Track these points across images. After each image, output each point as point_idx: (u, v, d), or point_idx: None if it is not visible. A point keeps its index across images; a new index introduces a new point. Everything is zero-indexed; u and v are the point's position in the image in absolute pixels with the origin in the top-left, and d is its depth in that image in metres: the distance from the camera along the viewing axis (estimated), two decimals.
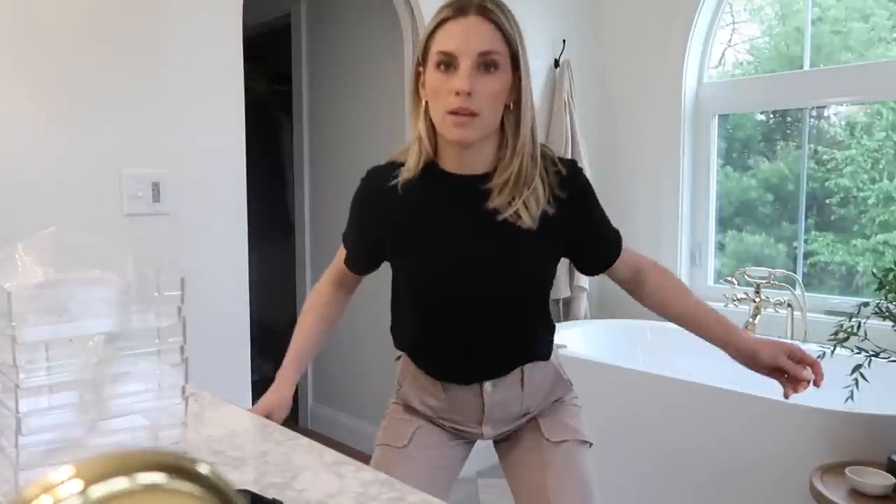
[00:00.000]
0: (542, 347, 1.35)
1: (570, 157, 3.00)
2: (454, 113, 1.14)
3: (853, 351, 1.87)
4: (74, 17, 1.91)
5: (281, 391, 1.37)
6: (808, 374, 1.26)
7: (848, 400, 1.85)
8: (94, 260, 0.86)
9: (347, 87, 3.31)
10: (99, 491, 0.23)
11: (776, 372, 1.29)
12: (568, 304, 3.14)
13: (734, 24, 3.14)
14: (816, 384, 1.28)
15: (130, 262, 0.86)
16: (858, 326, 1.84)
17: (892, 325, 1.82)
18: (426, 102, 1.21)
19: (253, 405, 1.38)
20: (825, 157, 2.82)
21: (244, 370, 2.26)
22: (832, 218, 2.82)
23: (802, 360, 1.27)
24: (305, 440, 1.02)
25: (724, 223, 3.15)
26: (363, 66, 3.21)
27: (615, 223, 1.40)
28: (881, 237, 2.67)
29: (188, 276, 0.88)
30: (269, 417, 1.28)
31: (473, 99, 1.14)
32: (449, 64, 1.15)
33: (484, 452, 1.88)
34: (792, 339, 2.67)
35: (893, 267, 1.85)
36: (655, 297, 1.36)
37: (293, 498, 0.82)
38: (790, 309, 2.68)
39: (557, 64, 3.11)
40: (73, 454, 0.79)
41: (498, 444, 1.43)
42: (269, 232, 4.13)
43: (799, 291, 2.67)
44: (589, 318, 3.17)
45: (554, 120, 3.07)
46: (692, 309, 1.34)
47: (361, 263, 1.39)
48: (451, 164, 1.24)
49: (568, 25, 3.22)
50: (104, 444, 0.81)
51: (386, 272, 1.37)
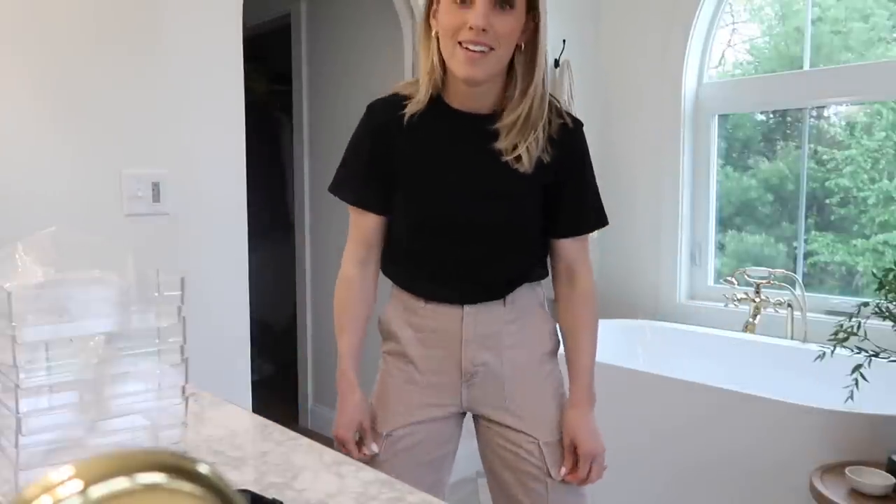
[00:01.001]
0: (527, 275, 1.33)
1: None
2: (467, 48, 1.14)
3: (853, 351, 1.87)
4: (75, 17, 1.91)
5: (356, 402, 1.33)
6: (565, 471, 1.31)
7: (848, 400, 1.85)
8: (94, 260, 0.86)
9: (347, 87, 3.31)
10: (99, 491, 0.23)
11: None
12: None
13: (734, 24, 3.14)
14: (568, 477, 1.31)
15: (130, 262, 0.86)
16: (858, 326, 1.84)
17: (892, 325, 1.82)
18: (436, 34, 1.20)
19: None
20: (825, 157, 2.82)
21: (244, 370, 2.26)
22: (832, 218, 2.82)
23: (577, 459, 1.31)
24: (305, 440, 1.02)
25: (724, 223, 3.15)
26: (363, 66, 3.21)
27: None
28: (881, 237, 2.67)
29: (188, 276, 0.88)
30: (363, 434, 1.30)
31: (488, 35, 1.13)
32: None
33: None
34: (792, 338, 2.67)
35: (893, 267, 1.85)
36: (567, 313, 1.37)
37: (293, 498, 0.82)
38: (790, 309, 2.68)
39: (557, 64, 3.11)
40: (73, 454, 0.79)
41: (480, 425, 1.37)
42: (269, 232, 4.13)
43: (799, 291, 2.67)
44: None
45: None
46: (573, 347, 1.35)
47: (376, 201, 1.32)
48: (457, 100, 1.24)
49: (568, 25, 3.22)
50: (104, 444, 0.81)
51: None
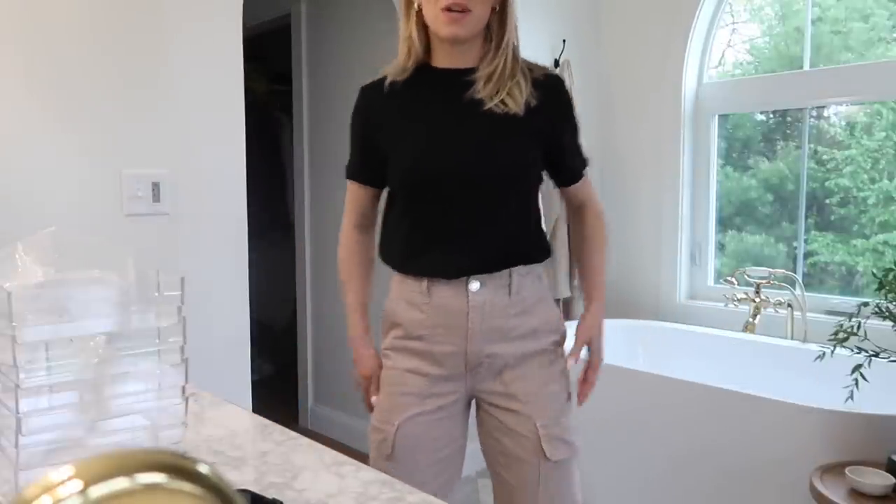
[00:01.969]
0: (527, 248, 1.36)
1: None
2: (448, 10, 1.23)
3: (853, 351, 1.87)
4: (75, 17, 1.91)
5: (371, 356, 1.44)
6: (576, 360, 1.41)
7: (848, 400, 1.85)
8: (94, 260, 0.86)
9: (347, 87, 3.30)
10: (99, 491, 0.23)
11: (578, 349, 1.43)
12: (568, 304, 3.14)
13: (734, 24, 3.14)
14: (578, 396, 1.42)
15: (130, 262, 0.86)
16: (858, 326, 1.84)
17: (892, 325, 1.82)
18: (418, 6, 1.29)
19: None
20: (825, 157, 2.82)
21: (244, 370, 2.26)
22: (832, 218, 2.82)
23: (589, 363, 1.43)
24: (305, 440, 1.02)
25: (724, 223, 3.15)
26: (363, 65, 3.21)
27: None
28: (881, 237, 2.67)
29: (188, 276, 0.88)
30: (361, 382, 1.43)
31: None
32: None
33: None
34: (792, 338, 2.67)
35: (893, 267, 1.85)
36: (578, 236, 1.51)
37: (293, 498, 0.82)
38: (790, 309, 2.68)
39: (557, 64, 3.11)
40: (73, 454, 0.79)
41: (482, 411, 1.39)
42: (269, 232, 4.13)
43: (799, 291, 2.67)
44: None
45: None
46: (586, 266, 1.49)
47: (369, 174, 1.42)
48: (441, 61, 1.34)
49: (568, 25, 3.22)
50: (104, 444, 0.81)
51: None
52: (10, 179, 1.84)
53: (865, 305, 1.88)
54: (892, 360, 1.85)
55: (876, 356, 1.84)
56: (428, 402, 1.34)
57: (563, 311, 3.16)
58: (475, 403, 1.40)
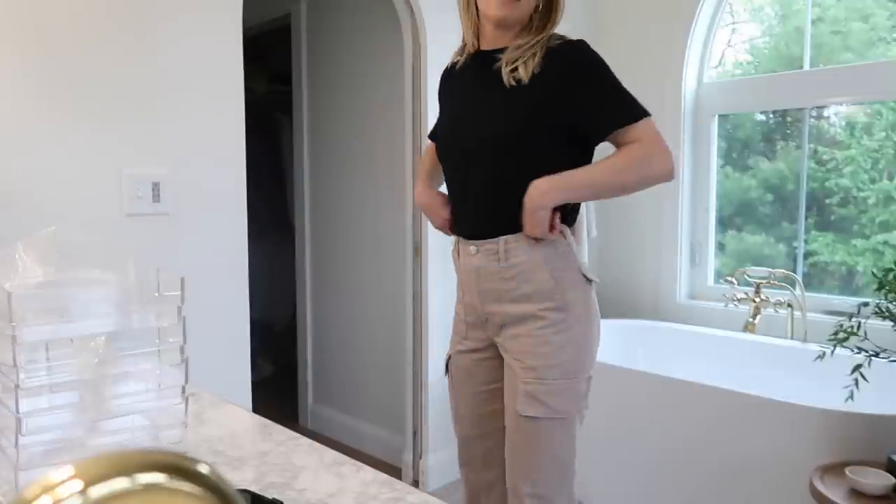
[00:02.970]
0: (518, 218, 1.39)
1: None
2: None
3: (853, 351, 1.87)
4: (75, 17, 1.91)
5: (432, 195, 1.58)
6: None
7: (848, 400, 1.85)
8: (94, 260, 0.86)
9: (347, 87, 3.31)
10: (99, 491, 0.23)
11: None
12: None
13: (734, 24, 3.14)
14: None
15: (130, 262, 0.86)
16: (858, 326, 1.84)
17: (892, 325, 1.82)
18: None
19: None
20: (825, 157, 2.82)
21: (244, 370, 2.26)
22: (832, 218, 2.82)
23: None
24: (305, 440, 1.02)
25: (724, 223, 3.15)
26: (363, 66, 3.21)
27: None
28: (881, 237, 2.67)
29: (188, 276, 0.88)
30: (424, 207, 1.58)
31: None
32: None
33: None
34: (792, 338, 2.67)
35: (893, 267, 1.85)
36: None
37: (293, 498, 0.82)
38: (790, 309, 2.68)
39: None
40: (73, 454, 0.79)
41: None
42: (269, 232, 4.13)
43: (799, 291, 2.67)
44: None
45: None
46: (606, 161, 1.42)
47: (434, 134, 1.67)
48: (487, 44, 1.47)
49: (568, 25, 3.21)
50: (104, 444, 0.81)
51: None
52: (10, 179, 1.84)
53: (865, 305, 1.88)
54: (892, 360, 1.86)
55: (876, 356, 1.84)
56: (465, 343, 1.56)
57: None
58: None
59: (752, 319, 2.77)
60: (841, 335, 1.85)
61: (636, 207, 3.26)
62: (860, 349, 1.85)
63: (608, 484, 2.49)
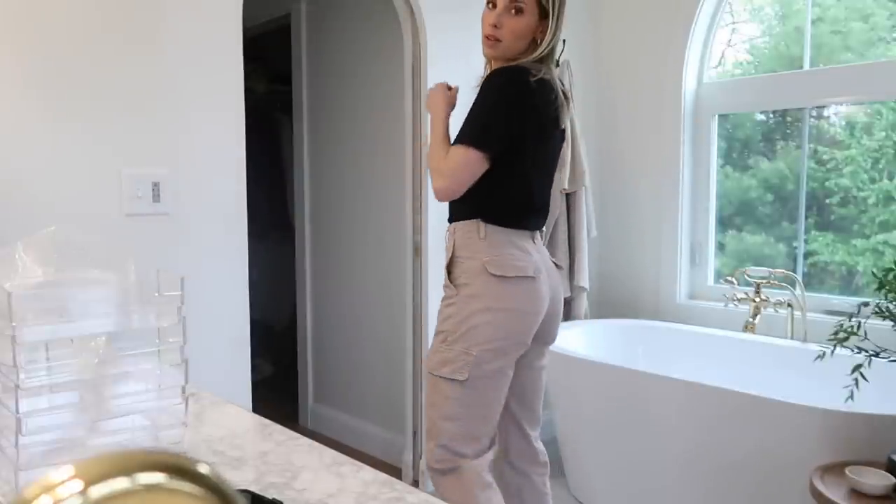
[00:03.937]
0: (459, 208, 1.70)
1: (569, 157, 3.00)
2: (487, 37, 1.68)
3: (853, 351, 1.87)
4: (75, 17, 1.91)
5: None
6: None
7: (848, 400, 1.85)
8: (94, 260, 0.86)
9: (347, 87, 3.31)
10: (99, 491, 0.23)
11: None
12: (568, 304, 3.14)
13: (734, 23, 3.14)
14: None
15: (130, 262, 0.86)
16: (858, 326, 1.84)
17: (892, 325, 1.82)
18: None
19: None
20: (825, 156, 2.82)
21: (244, 370, 2.26)
22: (832, 218, 2.82)
23: None
24: (305, 440, 1.02)
25: (724, 223, 3.15)
26: (363, 66, 3.21)
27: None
28: (881, 237, 2.67)
29: (188, 276, 0.88)
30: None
31: (497, 31, 1.66)
32: (493, 4, 1.67)
33: None
34: (792, 338, 2.67)
35: (893, 267, 1.85)
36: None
37: (293, 498, 0.82)
38: (790, 309, 2.68)
39: (557, 64, 3.10)
40: (73, 454, 0.79)
41: None
42: (269, 232, 4.13)
43: (799, 291, 2.67)
44: (589, 318, 3.17)
45: None
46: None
47: None
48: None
49: (568, 25, 3.21)
50: (104, 444, 0.81)
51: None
52: (10, 179, 1.84)
53: (865, 305, 1.88)
54: (892, 360, 1.86)
55: (876, 356, 1.84)
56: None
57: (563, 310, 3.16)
58: None
59: (752, 319, 2.77)
60: (841, 335, 1.85)
61: (636, 207, 3.26)
62: (860, 349, 1.84)
63: (608, 483, 2.49)
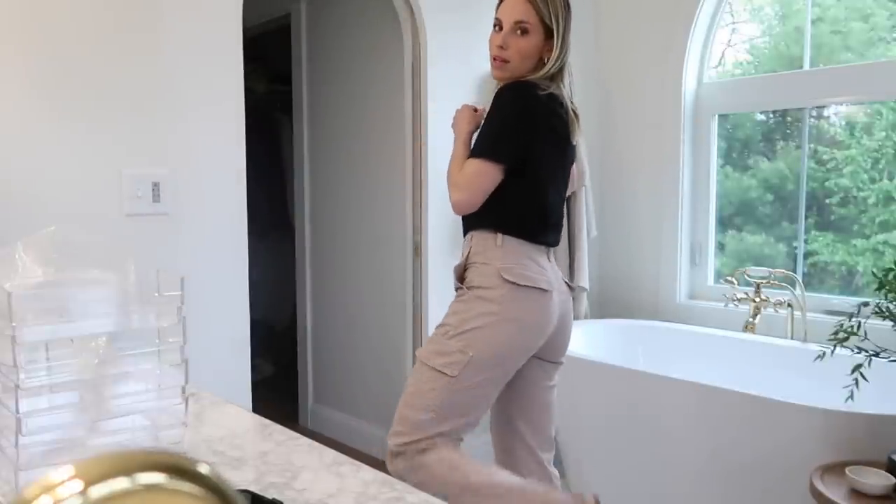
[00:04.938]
0: (477, 220, 1.73)
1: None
2: (494, 59, 1.71)
3: (853, 351, 1.87)
4: (75, 18, 1.91)
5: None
6: None
7: (848, 400, 1.85)
8: (94, 260, 0.86)
9: (347, 87, 3.31)
10: (99, 491, 0.23)
11: None
12: None
13: (734, 23, 3.14)
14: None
15: (130, 262, 0.86)
16: (858, 326, 1.84)
17: (892, 324, 1.82)
18: None
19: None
20: (825, 156, 2.82)
21: (244, 370, 2.26)
22: (832, 218, 2.82)
23: None
24: (305, 440, 1.02)
25: (724, 223, 3.15)
26: (363, 66, 3.21)
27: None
28: (881, 237, 2.67)
29: (188, 276, 0.88)
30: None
31: (504, 52, 1.69)
32: (498, 26, 1.71)
33: (481, 448, 1.87)
34: (792, 338, 2.67)
35: (893, 267, 1.85)
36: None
37: (293, 498, 0.82)
38: (790, 309, 2.68)
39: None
40: (73, 454, 0.79)
41: None
42: (269, 232, 4.13)
43: (799, 291, 2.67)
44: (589, 318, 3.17)
45: None
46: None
47: None
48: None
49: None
50: (104, 444, 0.81)
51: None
52: (10, 179, 1.84)
53: (865, 305, 1.88)
54: (892, 360, 1.86)
55: (876, 356, 1.84)
56: None
57: None
58: None
59: (752, 319, 2.77)
60: (841, 335, 1.85)
61: (636, 207, 3.26)
62: (860, 349, 1.84)
63: (608, 483, 2.49)
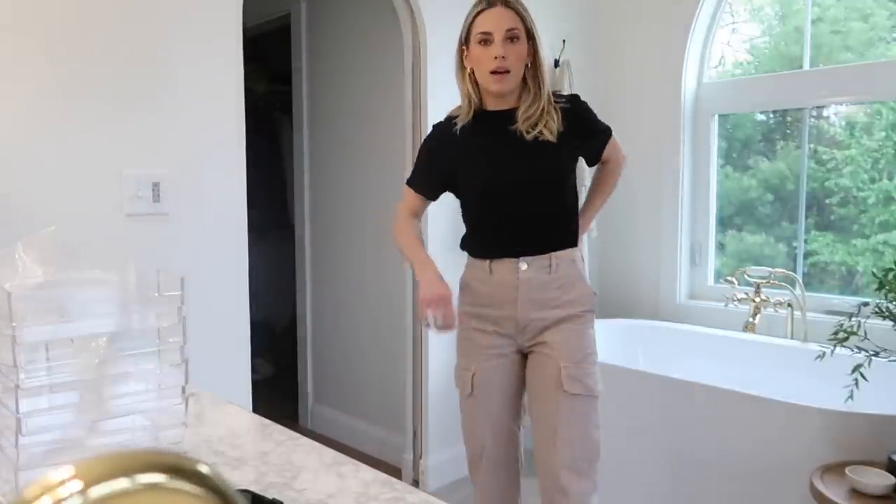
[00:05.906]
0: (563, 236, 1.75)
1: None
2: (495, 72, 1.67)
3: (853, 351, 1.87)
4: (75, 18, 1.91)
5: (438, 278, 1.70)
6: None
7: (848, 400, 1.85)
8: (94, 260, 0.86)
9: (347, 87, 3.31)
10: (99, 491, 0.23)
11: None
12: None
13: (734, 23, 3.14)
14: None
15: (130, 262, 0.86)
16: (858, 326, 1.84)
17: (892, 324, 1.82)
18: (471, 70, 1.73)
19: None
20: (825, 156, 2.82)
21: (244, 370, 2.26)
22: (832, 218, 2.82)
23: None
24: (305, 440, 1.02)
25: (724, 223, 3.15)
26: (363, 66, 3.21)
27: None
28: (881, 237, 2.67)
29: (188, 276, 0.88)
30: (443, 299, 1.66)
31: (506, 61, 1.66)
32: (487, 40, 1.67)
33: None
34: (792, 338, 2.67)
35: (893, 267, 1.85)
36: (594, 180, 1.95)
37: (293, 498, 0.82)
38: (790, 309, 2.68)
39: (557, 64, 3.11)
40: (73, 454, 0.79)
41: (526, 358, 1.78)
42: (269, 232, 4.13)
43: (799, 291, 2.67)
44: None
45: None
46: (596, 190, 1.93)
47: (433, 191, 1.87)
48: (491, 105, 1.76)
49: (568, 25, 3.22)
50: (104, 444, 0.81)
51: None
52: (10, 179, 1.84)
53: (865, 305, 1.88)
54: (892, 360, 1.86)
55: (876, 356, 1.84)
56: (492, 352, 1.76)
57: None
58: (526, 355, 1.79)
59: (752, 319, 2.77)
60: (841, 335, 1.85)
61: (636, 207, 3.26)
62: (860, 349, 1.85)
63: (608, 483, 2.48)
